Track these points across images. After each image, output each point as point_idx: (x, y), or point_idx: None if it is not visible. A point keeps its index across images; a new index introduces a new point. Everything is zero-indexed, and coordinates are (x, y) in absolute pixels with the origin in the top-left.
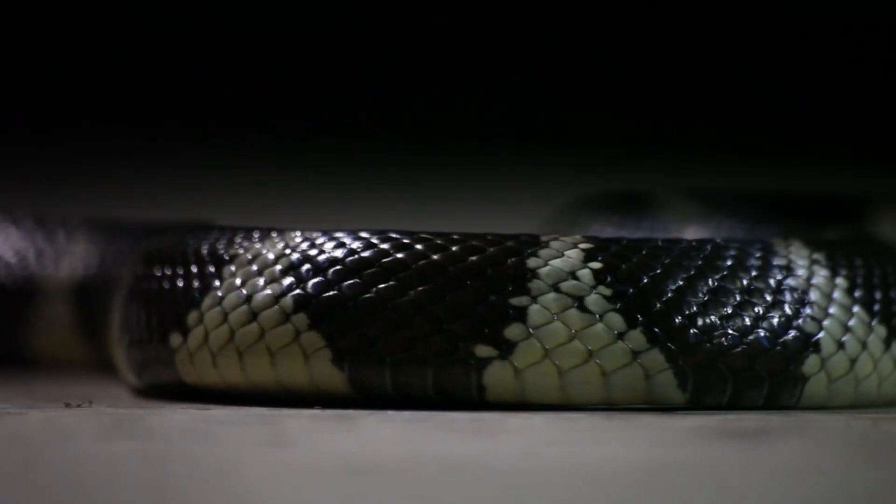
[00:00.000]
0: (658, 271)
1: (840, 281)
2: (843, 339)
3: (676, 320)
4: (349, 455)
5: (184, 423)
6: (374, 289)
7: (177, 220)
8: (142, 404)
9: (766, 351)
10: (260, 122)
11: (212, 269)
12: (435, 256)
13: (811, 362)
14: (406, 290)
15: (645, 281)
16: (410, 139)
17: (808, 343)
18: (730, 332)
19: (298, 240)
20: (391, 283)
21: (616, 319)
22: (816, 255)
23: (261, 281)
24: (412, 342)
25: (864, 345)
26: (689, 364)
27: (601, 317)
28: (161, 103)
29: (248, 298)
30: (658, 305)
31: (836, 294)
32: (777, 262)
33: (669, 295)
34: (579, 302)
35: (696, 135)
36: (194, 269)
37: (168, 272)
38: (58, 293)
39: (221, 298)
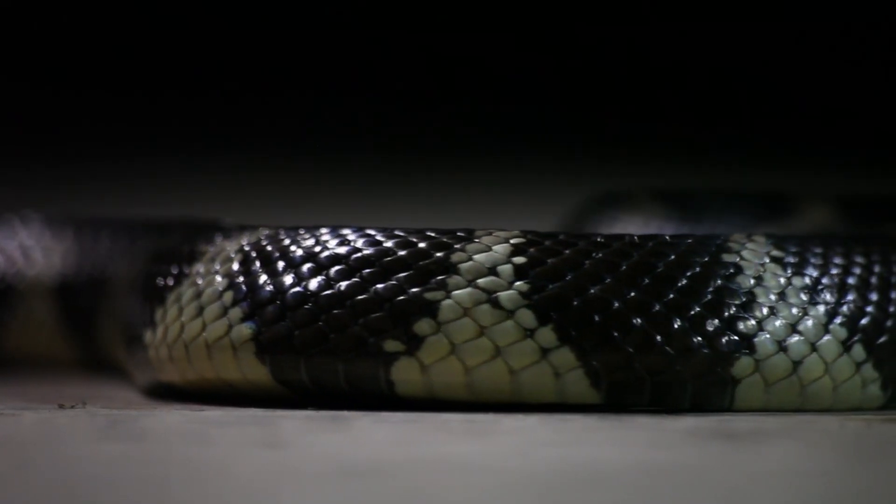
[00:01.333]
0: (585, 267)
1: (798, 280)
2: (788, 341)
3: (593, 319)
4: (343, 456)
5: (178, 424)
6: (304, 284)
7: (162, 216)
8: (136, 405)
9: (689, 352)
10: (261, 121)
11: (177, 267)
12: (366, 251)
13: (742, 364)
14: (333, 285)
15: (567, 278)
16: (411, 139)
17: (740, 345)
18: (650, 332)
19: (244, 238)
20: (320, 277)
21: (527, 316)
22: (777, 253)
23: (214, 279)
24: (326, 336)
25: (813, 347)
26: (602, 363)
27: (513, 313)
28: (161, 103)
29: (199, 295)
30: (576, 303)
31: (790, 294)
32: (724, 259)
33: (591, 292)
34: (493, 298)
35: (698, 135)
36: (166, 268)
37: (156, 270)
38: (36, 292)
39: (181, 295)
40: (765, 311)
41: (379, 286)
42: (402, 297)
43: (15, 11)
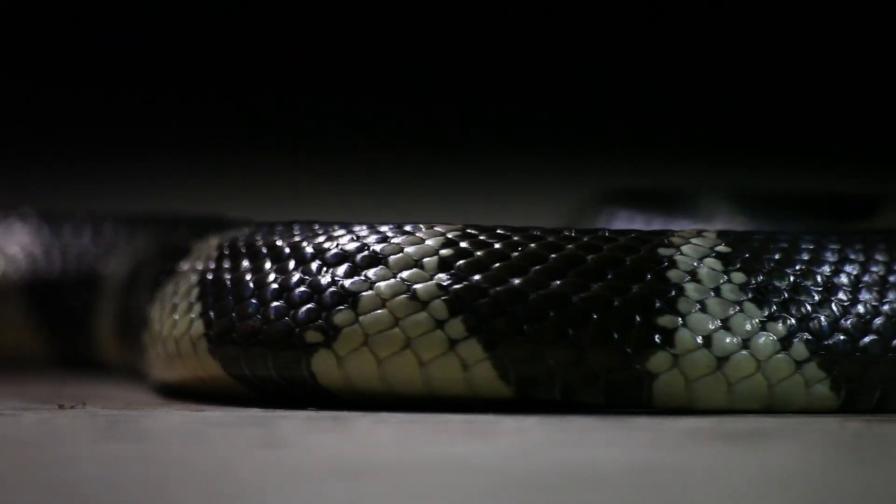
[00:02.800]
0: (509, 260)
1: (739, 277)
2: (714, 335)
3: (504, 310)
4: (343, 456)
5: (177, 425)
6: (249, 275)
7: (144, 212)
8: (135, 406)
9: (600, 346)
10: (261, 120)
11: (171, 263)
12: (304, 244)
13: (659, 359)
14: (268, 278)
15: (488, 270)
16: (410, 139)
17: (657, 339)
18: (560, 324)
19: (221, 236)
20: (261, 272)
21: (440, 308)
22: (725, 249)
23: (190, 276)
24: (259, 329)
25: (744, 344)
26: (511, 356)
27: (427, 305)
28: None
29: (176, 292)
30: (490, 294)
31: (726, 290)
32: (659, 254)
33: (508, 285)
34: (412, 289)
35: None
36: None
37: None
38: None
39: (165, 293)
40: (691, 306)
41: (307, 278)
42: (326, 289)
43: (15, 11)
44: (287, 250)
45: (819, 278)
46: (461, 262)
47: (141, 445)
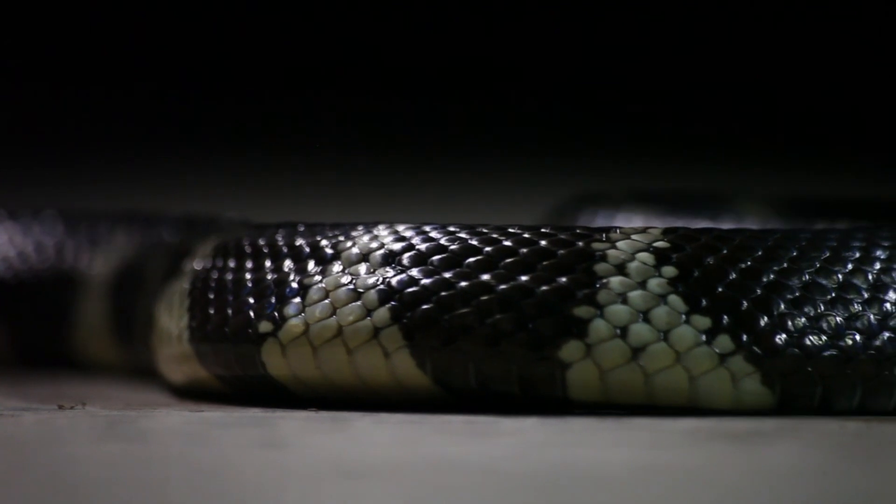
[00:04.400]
0: (446, 254)
1: (668, 269)
2: (631, 326)
3: (425, 301)
4: (343, 457)
5: (177, 425)
6: (219, 276)
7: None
8: (135, 406)
9: (514, 334)
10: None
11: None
12: (260, 241)
13: (571, 348)
14: (227, 275)
15: (426, 263)
16: (410, 140)
17: (569, 328)
18: (478, 314)
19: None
20: (230, 270)
21: (371, 297)
22: (663, 245)
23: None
24: (222, 324)
25: (663, 335)
26: (427, 344)
27: (361, 295)
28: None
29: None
30: (416, 286)
31: (653, 284)
32: (592, 248)
33: (440, 277)
34: (354, 283)
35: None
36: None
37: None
38: None
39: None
40: (612, 298)
41: (259, 272)
42: (274, 281)
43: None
44: (238, 247)
45: (761, 276)
46: (404, 256)
47: (141, 446)
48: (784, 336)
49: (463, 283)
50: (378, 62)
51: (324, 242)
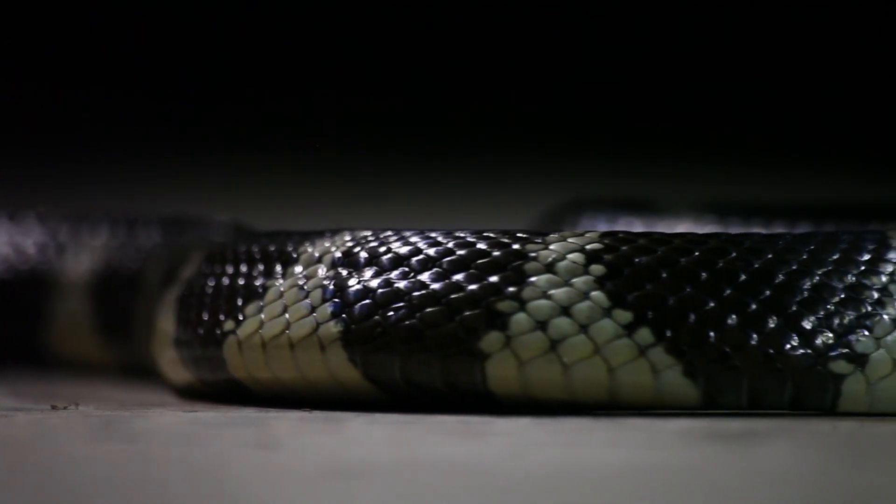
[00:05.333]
0: (391, 254)
1: (596, 268)
2: (552, 320)
3: (363, 297)
4: (336, 457)
5: (170, 426)
6: (202, 281)
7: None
8: (128, 406)
9: (437, 327)
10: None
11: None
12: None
13: (491, 339)
14: (199, 281)
15: (372, 265)
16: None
17: (490, 320)
18: (408, 311)
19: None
20: (212, 276)
21: (318, 295)
22: (595, 247)
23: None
24: (202, 321)
25: (583, 328)
26: (358, 336)
27: (309, 294)
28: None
29: None
30: (352, 285)
31: (578, 281)
32: (525, 248)
33: (382, 277)
34: (302, 283)
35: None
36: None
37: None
38: None
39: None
40: (536, 294)
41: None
42: (241, 284)
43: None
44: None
45: (691, 277)
46: (348, 259)
47: (134, 446)
48: (708, 329)
49: (404, 282)
50: (377, 63)
51: (276, 247)
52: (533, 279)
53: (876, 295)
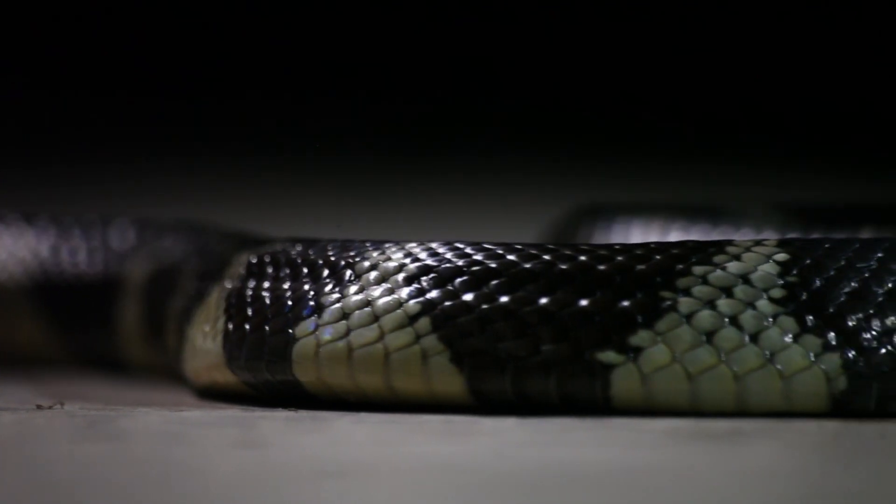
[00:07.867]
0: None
1: (410, 267)
2: (353, 315)
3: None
4: (322, 457)
5: (156, 425)
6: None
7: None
8: (114, 405)
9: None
10: (258, 124)
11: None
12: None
13: (303, 327)
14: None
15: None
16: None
17: (310, 311)
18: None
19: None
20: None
21: (217, 299)
22: (416, 249)
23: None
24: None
25: (374, 318)
26: (230, 331)
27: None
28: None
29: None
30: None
31: (394, 282)
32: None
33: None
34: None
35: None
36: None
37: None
38: None
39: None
40: (349, 291)
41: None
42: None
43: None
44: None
45: (476, 269)
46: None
47: (120, 445)
48: (473, 319)
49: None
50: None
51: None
52: (362, 280)
53: None
